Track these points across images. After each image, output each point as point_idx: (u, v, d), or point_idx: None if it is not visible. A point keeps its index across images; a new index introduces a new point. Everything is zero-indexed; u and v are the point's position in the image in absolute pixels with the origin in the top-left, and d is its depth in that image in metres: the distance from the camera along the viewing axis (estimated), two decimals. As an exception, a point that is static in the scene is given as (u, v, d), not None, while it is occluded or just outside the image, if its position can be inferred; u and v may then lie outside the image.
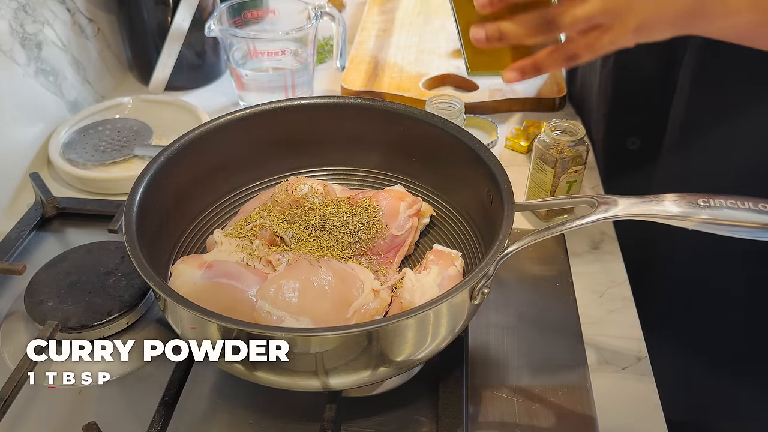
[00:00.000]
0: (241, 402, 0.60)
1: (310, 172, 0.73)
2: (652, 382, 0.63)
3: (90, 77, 1.00)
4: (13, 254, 0.74)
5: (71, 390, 0.61)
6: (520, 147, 0.92)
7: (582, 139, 0.75)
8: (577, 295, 0.70)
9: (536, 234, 0.54)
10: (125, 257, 0.70)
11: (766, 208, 0.51)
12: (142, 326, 0.66)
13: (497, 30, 0.55)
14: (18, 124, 0.86)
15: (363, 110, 0.70)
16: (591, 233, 0.79)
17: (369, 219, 0.65)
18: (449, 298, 0.49)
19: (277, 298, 0.56)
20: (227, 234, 0.64)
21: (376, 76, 1.04)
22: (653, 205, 0.53)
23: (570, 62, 0.56)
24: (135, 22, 1.01)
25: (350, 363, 0.51)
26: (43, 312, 0.64)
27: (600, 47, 0.55)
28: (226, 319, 0.48)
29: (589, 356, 0.64)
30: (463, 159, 0.64)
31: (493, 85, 1.02)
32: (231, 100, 1.03)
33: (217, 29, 0.91)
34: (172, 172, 0.62)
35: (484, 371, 0.63)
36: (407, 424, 0.58)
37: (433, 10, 1.24)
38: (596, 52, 0.55)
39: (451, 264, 0.61)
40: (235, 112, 0.68)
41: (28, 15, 0.85)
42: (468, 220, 0.66)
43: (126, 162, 0.89)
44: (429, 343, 0.53)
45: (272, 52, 0.95)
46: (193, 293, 0.56)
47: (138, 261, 0.51)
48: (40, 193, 0.80)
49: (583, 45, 0.55)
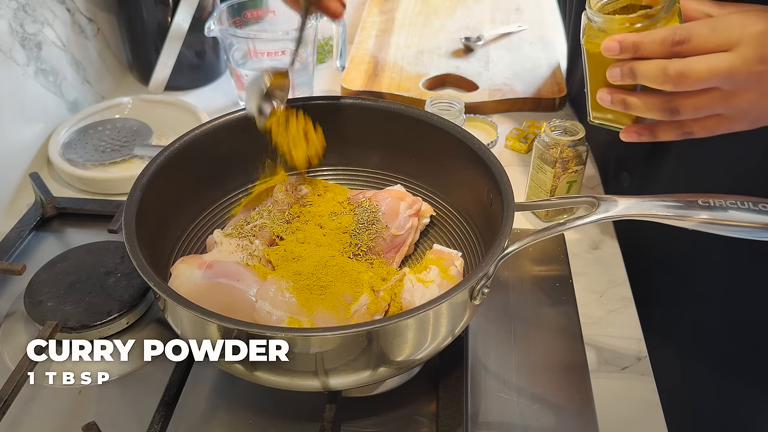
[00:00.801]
0: (241, 402, 0.60)
1: (310, 172, 0.73)
2: (652, 382, 0.63)
3: (90, 77, 1.00)
4: (12, 254, 0.74)
5: (71, 390, 0.61)
6: (520, 147, 0.92)
7: (582, 139, 0.76)
8: (577, 295, 0.70)
9: (536, 234, 0.54)
10: (125, 257, 0.70)
11: (766, 208, 0.51)
12: (142, 326, 0.66)
13: (622, 101, 0.57)
14: (18, 124, 0.86)
15: (363, 110, 0.70)
16: (591, 233, 0.79)
17: (369, 219, 0.65)
18: (449, 298, 0.49)
19: (277, 298, 0.56)
20: (227, 234, 0.64)
21: (376, 76, 1.04)
22: (653, 205, 0.53)
23: (685, 136, 0.58)
24: (135, 22, 1.01)
25: (350, 363, 0.51)
26: (43, 312, 0.64)
27: (716, 131, 0.57)
28: (226, 319, 0.48)
29: (589, 356, 0.64)
30: (463, 159, 0.64)
31: (493, 85, 1.02)
32: (231, 100, 1.03)
33: (216, 29, 0.91)
34: (172, 172, 0.62)
35: (484, 371, 0.63)
36: (407, 424, 0.58)
37: (433, 10, 1.24)
38: (712, 133, 0.57)
39: (451, 264, 0.61)
40: (235, 112, 0.68)
41: (28, 15, 0.85)
42: (468, 220, 0.66)
43: (126, 162, 0.89)
44: (429, 343, 0.53)
45: (272, 52, 0.95)
46: (193, 293, 0.56)
47: (138, 261, 0.51)
48: (39, 193, 0.80)
49: (700, 126, 0.57)
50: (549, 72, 1.05)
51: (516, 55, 1.10)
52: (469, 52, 1.11)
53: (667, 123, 0.57)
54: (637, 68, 0.54)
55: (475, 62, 1.08)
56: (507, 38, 1.15)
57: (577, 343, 0.65)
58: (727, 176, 0.70)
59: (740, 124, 0.56)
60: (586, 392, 0.61)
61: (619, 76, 0.55)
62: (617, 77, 0.55)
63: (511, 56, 1.09)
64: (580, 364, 0.63)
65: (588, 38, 0.56)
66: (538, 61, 1.08)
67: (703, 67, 0.51)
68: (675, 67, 0.52)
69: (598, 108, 0.60)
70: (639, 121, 0.59)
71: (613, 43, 0.54)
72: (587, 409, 0.59)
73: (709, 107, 0.54)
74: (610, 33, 0.54)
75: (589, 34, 0.56)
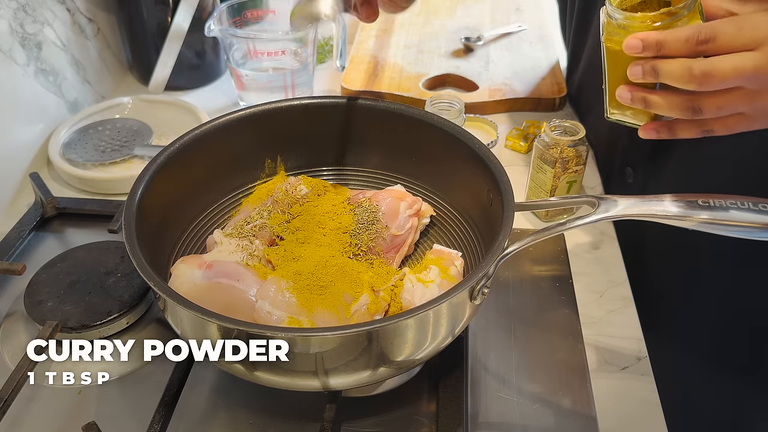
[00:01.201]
0: (241, 402, 0.60)
1: (310, 172, 0.73)
2: (652, 382, 0.63)
3: (90, 77, 1.00)
4: (12, 254, 0.74)
5: (71, 390, 0.61)
6: (520, 147, 0.92)
7: (582, 139, 0.76)
8: (577, 295, 0.70)
9: (536, 234, 0.53)
10: (125, 257, 0.70)
11: (766, 208, 0.51)
12: (142, 326, 0.66)
13: (643, 99, 0.56)
14: (18, 124, 0.86)
15: (363, 110, 0.70)
16: (591, 233, 0.79)
17: (369, 219, 0.65)
18: (449, 298, 0.49)
19: (277, 298, 0.56)
20: (227, 234, 0.64)
21: (376, 76, 1.04)
22: (653, 205, 0.53)
23: (705, 134, 0.57)
24: (135, 22, 1.01)
25: (350, 363, 0.51)
26: (43, 312, 0.64)
27: (737, 129, 0.56)
28: (226, 319, 0.48)
29: (589, 356, 0.64)
30: (463, 159, 0.64)
31: (493, 84, 1.02)
32: (231, 100, 1.03)
33: (217, 29, 0.91)
34: (172, 172, 0.62)
35: (484, 371, 0.63)
36: (407, 424, 0.58)
37: (433, 10, 1.24)
38: (732, 131, 0.56)
39: (451, 264, 0.61)
40: (235, 112, 0.68)
41: (28, 15, 0.85)
42: (468, 220, 0.66)
43: (126, 162, 0.89)
44: (429, 343, 0.53)
45: (272, 52, 0.95)
46: (193, 293, 0.56)
47: (138, 261, 0.51)
48: (39, 193, 0.80)
49: (721, 124, 0.56)
50: (549, 72, 1.05)
51: (516, 55, 1.10)
52: (469, 52, 1.11)
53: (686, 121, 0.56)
54: (660, 67, 0.53)
55: (475, 62, 1.08)
56: (507, 38, 1.15)
57: (577, 343, 0.65)
58: (733, 169, 0.70)
59: (761, 122, 0.55)
60: (586, 392, 0.61)
61: (641, 74, 0.54)
62: (639, 75, 0.54)
63: (511, 56, 1.09)
64: (580, 364, 0.63)
65: (608, 35, 0.55)
66: (538, 61, 1.08)
67: (728, 67, 0.50)
68: (700, 66, 0.51)
69: (616, 105, 0.58)
70: (657, 118, 0.58)
71: (635, 41, 0.53)
72: (587, 409, 0.59)
73: (731, 106, 0.53)
74: (631, 30, 0.53)
75: (609, 31, 0.55)
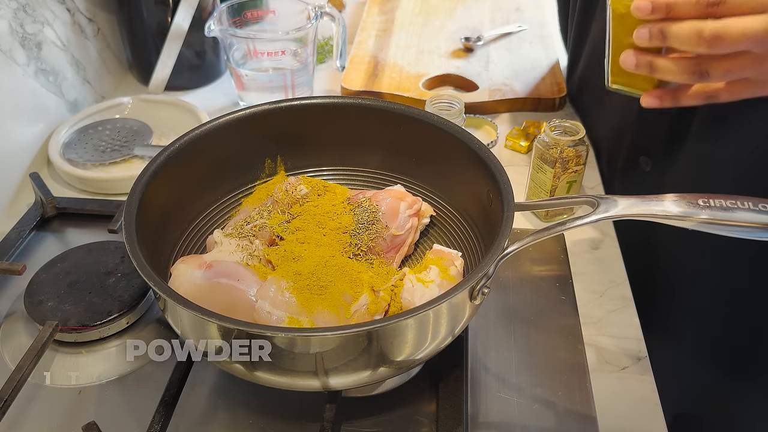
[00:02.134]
0: (241, 402, 0.60)
1: (310, 172, 0.73)
2: (652, 382, 0.63)
3: (90, 77, 1.00)
4: (12, 254, 0.74)
5: (71, 390, 0.61)
6: (520, 147, 0.92)
7: (582, 139, 0.76)
8: (577, 295, 0.70)
9: (536, 234, 0.53)
10: (125, 257, 0.70)
11: (766, 208, 0.51)
12: (142, 326, 0.66)
13: (649, 63, 0.55)
14: (18, 124, 0.86)
15: (363, 110, 0.70)
16: (591, 233, 0.79)
17: (369, 219, 0.65)
18: (449, 298, 0.49)
19: (277, 298, 0.56)
20: (227, 234, 0.64)
21: (376, 76, 1.04)
22: (653, 205, 0.53)
23: (709, 101, 0.56)
24: (135, 22, 1.01)
25: (350, 363, 0.51)
26: (43, 312, 0.64)
27: (742, 95, 0.55)
28: (226, 319, 0.48)
29: (589, 356, 0.64)
30: (463, 159, 0.64)
31: (493, 84, 1.02)
32: (231, 100, 1.03)
33: (217, 29, 0.91)
34: (172, 172, 0.62)
35: (484, 371, 0.63)
36: (407, 424, 0.58)
37: (433, 10, 1.24)
38: (737, 97, 0.55)
39: (451, 264, 0.61)
40: (235, 112, 0.68)
41: (28, 15, 0.85)
42: (468, 220, 0.66)
43: (126, 162, 0.89)
44: (429, 343, 0.53)
45: (272, 52, 0.95)
46: (193, 293, 0.56)
47: (138, 261, 0.51)
48: (39, 193, 0.80)
49: (726, 90, 0.55)
50: (549, 72, 1.05)
51: (516, 55, 1.10)
52: (469, 52, 1.11)
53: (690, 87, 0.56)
54: (668, 29, 0.52)
55: (475, 62, 1.08)
56: (507, 38, 1.15)
57: (577, 343, 0.65)
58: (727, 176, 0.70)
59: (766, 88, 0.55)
60: (586, 392, 0.61)
61: (648, 36, 0.53)
62: (645, 38, 0.53)
63: (511, 56, 1.09)
64: (580, 364, 0.63)
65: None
66: (538, 60, 1.08)
67: (738, 30, 0.49)
68: (710, 28, 0.50)
69: (619, 72, 0.57)
70: (660, 86, 0.57)
71: (644, 3, 0.52)
72: (587, 409, 0.59)
73: (739, 70, 0.53)
74: None
75: None
